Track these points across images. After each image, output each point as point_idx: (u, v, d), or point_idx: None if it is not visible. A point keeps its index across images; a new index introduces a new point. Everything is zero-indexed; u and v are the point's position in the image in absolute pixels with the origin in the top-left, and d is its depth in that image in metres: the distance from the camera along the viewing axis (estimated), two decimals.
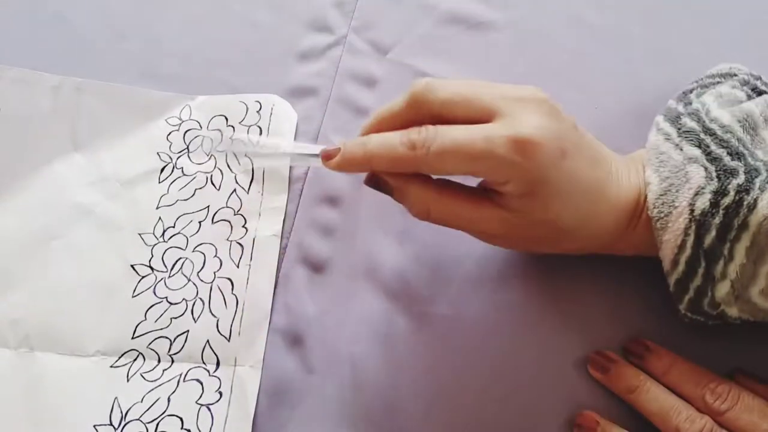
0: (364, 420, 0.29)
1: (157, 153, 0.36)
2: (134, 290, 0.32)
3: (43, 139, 0.36)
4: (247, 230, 0.33)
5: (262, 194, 0.34)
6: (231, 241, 0.33)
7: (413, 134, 0.26)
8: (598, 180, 0.27)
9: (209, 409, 0.29)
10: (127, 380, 0.30)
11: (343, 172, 0.29)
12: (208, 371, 0.30)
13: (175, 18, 0.40)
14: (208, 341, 0.31)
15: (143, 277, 0.32)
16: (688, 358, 0.29)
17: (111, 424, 0.29)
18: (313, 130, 0.37)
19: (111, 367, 0.30)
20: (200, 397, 0.29)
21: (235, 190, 0.35)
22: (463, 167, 0.26)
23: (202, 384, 0.30)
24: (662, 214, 0.27)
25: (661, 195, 0.27)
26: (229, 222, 0.34)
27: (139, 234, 0.33)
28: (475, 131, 0.25)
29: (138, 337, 0.31)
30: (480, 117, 0.26)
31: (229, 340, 0.31)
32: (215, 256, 0.33)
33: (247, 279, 0.32)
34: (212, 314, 0.31)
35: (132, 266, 0.32)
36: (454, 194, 0.28)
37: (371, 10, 0.41)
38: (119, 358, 0.30)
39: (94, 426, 0.29)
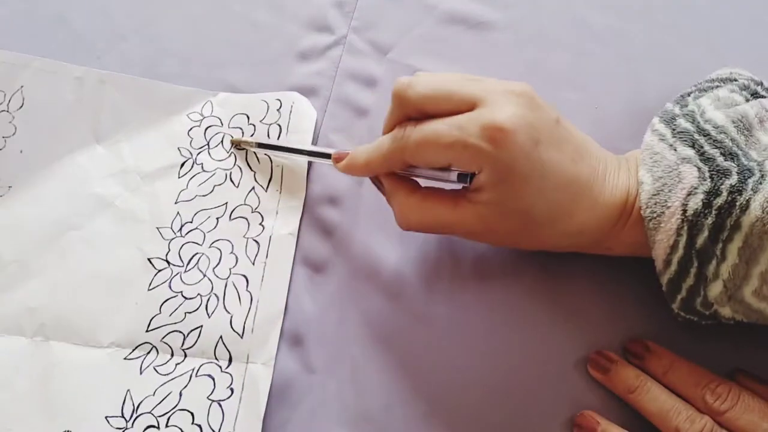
0: (364, 420, 0.29)
1: (178, 148, 0.36)
2: (150, 283, 0.32)
3: (65, 129, 0.36)
4: (263, 228, 0.34)
5: (280, 192, 0.35)
6: (247, 238, 0.33)
7: (398, 130, 0.28)
8: (580, 175, 0.27)
9: (220, 405, 0.29)
10: (140, 373, 0.30)
11: (350, 175, 0.31)
12: (221, 367, 0.30)
13: (175, 18, 0.40)
14: (221, 337, 0.31)
15: (159, 270, 0.32)
16: (688, 358, 0.29)
17: (123, 416, 0.29)
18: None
19: (124, 359, 0.30)
20: (212, 392, 0.29)
21: (253, 187, 0.35)
22: (440, 156, 0.27)
23: (214, 380, 0.30)
24: (655, 214, 0.27)
25: (654, 195, 0.27)
26: (247, 219, 0.34)
27: (157, 228, 0.33)
28: (452, 121, 0.27)
29: (152, 330, 0.31)
30: (462, 108, 0.27)
31: (242, 337, 0.31)
32: (231, 252, 0.33)
33: (262, 276, 0.32)
34: (226, 310, 0.31)
35: (149, 259, 0.33)
36: (434, 197, 0.29)
37: (371, 10, 0.41)
38: (133, 350, 0.31)
39: (106, 417, 0.29)
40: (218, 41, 0.40)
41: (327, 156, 0.32)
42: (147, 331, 0.31)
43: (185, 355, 0.30)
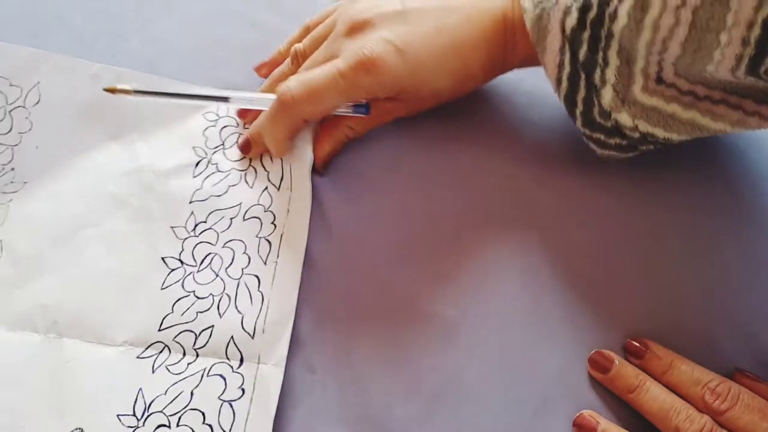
0: (364, 420, 0.30)
1: (193, 147, 0.36)
2: (163, 283, 0.32)
3: (81, 126, 0.36)
4: (275, 227, 0.33)
5: (291, 191, 0.34)
6: (260, 237, 0.33)
7: (280, 87, 0.32)
8: (448, 40, 0.31)
9: (231, 406, 0.29)
10: (152, 372, 0.30)
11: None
12: (232, 367, 0.30)
13: (175, 18, 0.40)
14: (232, 337, 0.31)
15: (173, 270, 0.32)
16: (688, 358, 0.29)
17: (134, 415, 0.29)
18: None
19: (137, 357, 0.30)
20: (223, 392, 0.29)
21: (266, 187, 0.34)
22: (330, 104, 0.32)
23: (225, 380, 0.30)
24: (540, 39, 0.30)
25: (537, 21, 0.30)
26: (260, 219, 0.34)
27: (171, 227, 0.33)
28: (319, 72, 0.32)
29: (165, 329, 0.31)
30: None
31: (253, 337, 0.31)
32: (244, 252, 0.33)
33: (274, 276, 0.32)
34: (238, 310, 0.31)
35: (162, 258, 0.32)
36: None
37: None
38: (146, 349, 0.30)
39: (117, 416, 0.29)
40: (218, 41, 0.40)
41: (222, 99, 0.35)
42: (159, 330, 0.31)
43: (197, 355, 0.30)
